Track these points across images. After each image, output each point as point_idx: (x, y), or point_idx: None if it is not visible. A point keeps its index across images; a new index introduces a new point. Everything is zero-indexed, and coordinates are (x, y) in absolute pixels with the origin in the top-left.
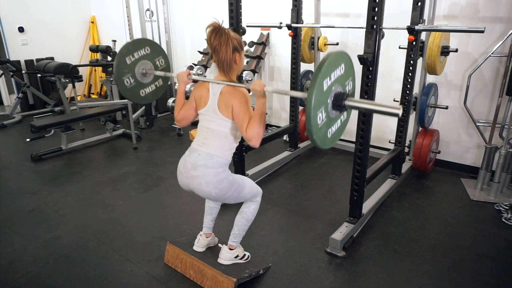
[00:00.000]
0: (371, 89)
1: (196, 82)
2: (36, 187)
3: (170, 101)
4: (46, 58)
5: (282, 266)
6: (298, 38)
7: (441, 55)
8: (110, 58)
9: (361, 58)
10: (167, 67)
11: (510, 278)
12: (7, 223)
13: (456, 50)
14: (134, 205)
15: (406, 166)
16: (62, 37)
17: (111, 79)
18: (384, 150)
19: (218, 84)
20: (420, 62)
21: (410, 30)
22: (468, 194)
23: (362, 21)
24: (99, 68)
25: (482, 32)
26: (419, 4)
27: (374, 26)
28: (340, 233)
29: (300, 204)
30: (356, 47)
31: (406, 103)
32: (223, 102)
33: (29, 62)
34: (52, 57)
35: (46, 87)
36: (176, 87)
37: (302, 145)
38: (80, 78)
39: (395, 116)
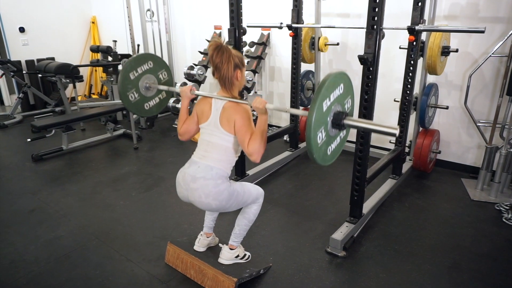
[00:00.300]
0: (372, 89)
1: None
2: (37, 187)
3: (171, 101)
4: (47, 58)
5: (282, 266)
6: (298, 38)
7: (441, 55)
8: (110, 58)
9: (361, 58)
10: (170, 80)
11: (510, 278)
12: (8, 223)
13: (456, 50)
14: (134, 205)
15: (406, 166)
16: (63, 37)
17: (112, 79)
18: (384, 150)
19: (220, 99)
20: (420, 62)
21: (411, 30)
22: (468, 194)
23: (362, 21)
24: (100, 68)
25: (483, 32)
26: (420, 4)
27: (375, 26)
28: (340, 233)
29: (300, 204)
30: (356, 47)
31: (407, 103)
32: (225, 117)
33: (29, 62)
34: (52, 57)
35: (46, 87)
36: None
37: (302, 145)
38: (80, 78)
39: (392, 136)
